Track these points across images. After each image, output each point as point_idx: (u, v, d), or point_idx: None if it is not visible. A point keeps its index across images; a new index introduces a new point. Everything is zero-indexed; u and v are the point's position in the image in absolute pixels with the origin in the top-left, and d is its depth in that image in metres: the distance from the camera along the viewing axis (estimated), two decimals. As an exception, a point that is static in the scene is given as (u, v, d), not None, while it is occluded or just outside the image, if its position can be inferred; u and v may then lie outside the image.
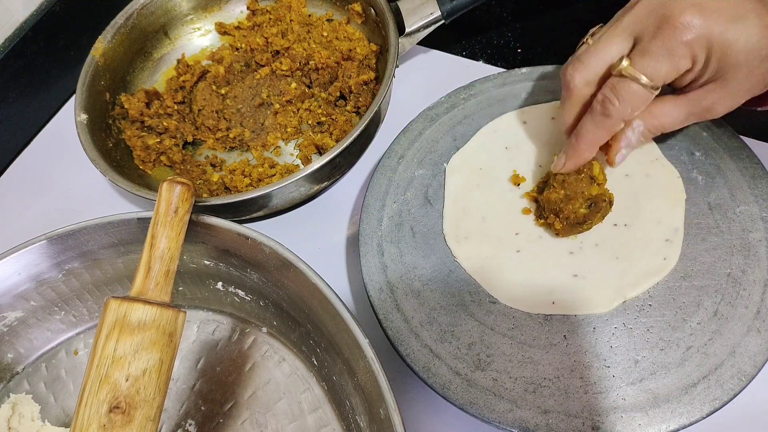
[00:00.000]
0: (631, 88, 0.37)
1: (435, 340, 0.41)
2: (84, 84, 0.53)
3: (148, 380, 0.32)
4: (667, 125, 0.40)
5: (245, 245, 0.40)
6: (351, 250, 0.50)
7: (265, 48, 0.59)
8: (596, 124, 0.39)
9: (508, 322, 0.41)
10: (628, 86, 0.37)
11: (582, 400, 0.37)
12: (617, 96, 0.38)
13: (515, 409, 0.38)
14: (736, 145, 0.45)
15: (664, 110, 0.39)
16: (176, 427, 0.42)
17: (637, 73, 0.37)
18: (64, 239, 0.41)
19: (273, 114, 0.56)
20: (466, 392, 0.39)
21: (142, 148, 0.54)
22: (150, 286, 0.35)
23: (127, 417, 0.32)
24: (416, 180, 0.48)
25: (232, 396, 0.43)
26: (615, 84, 0.38)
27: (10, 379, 0.44)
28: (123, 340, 0.32)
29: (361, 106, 0.54)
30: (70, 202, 0.57)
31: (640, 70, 0.36)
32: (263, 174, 0.52)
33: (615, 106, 0.38)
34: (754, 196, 0.42)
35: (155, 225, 0.37)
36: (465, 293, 0.43)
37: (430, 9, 0.53)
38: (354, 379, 0.37)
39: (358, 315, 0.46)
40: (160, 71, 0.61)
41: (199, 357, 0.45)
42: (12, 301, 0.42)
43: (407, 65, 0.60)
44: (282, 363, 0.43)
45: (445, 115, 0.51)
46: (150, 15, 0.59)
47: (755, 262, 0.40)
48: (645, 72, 0.36)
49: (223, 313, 0.46)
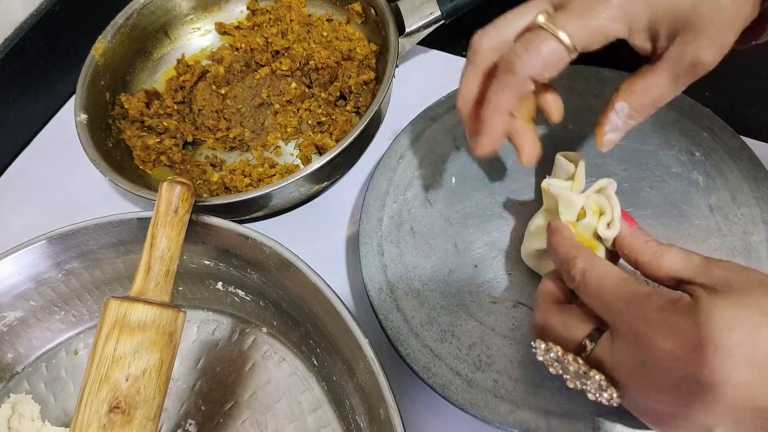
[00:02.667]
0: (544, 41, 0.32)
1: (435, 340, 0.41)
2: (84, 84, 0.53)
3: (148, 380, 0.32)
4: (657, 98, 0.35)
5: (245, 245, 0.40)
6: (351, 250, 0.50)
7: (265, 48, 0.59)
8: (500, 83, 0.34)
9: (508, 323, 0.41)
10: (541, 38, 0.32)
11: (583, 402, 0.37)
12: (526, 48, 0.32)
13: (516, 411, 0.37)
14: (736, 145, 0.45)
15: (646, 83, 0.34)
16: (176, 427, 0.42)
17: (555, 27, 0.32)
18: (64, 239, 0.41)
19: (273, 114, 0.56)
20: (466, 393, 0.39)
21: (142, 148, 0.54)
22: (150, 286, 0.35)
23: (127, 417, 0.32)
24: (416, 180, 0.48)
25: (232, 396, 0.43)
26: (526, 38, 0.33)
27: (10, 379, 0.44)
28: (123, 340, 0.32)
29: (361, 106, 0.54)
30: (70, 202, 0.57)
31: (559, 27, 0.32)
32: (263, 174, 0.52)
33: (521, 59, 0.32)
34: (755, 198, 0.42)
35: (155, 225, 0.37)
36: (465, 293, 0.43)
37: (430, 9, 0.53)
38: (354, 379, 0.37)
39: (358, 315, 0.46)
40: (160, 71, 0.61)
41: (199, 357, 0.45)
42: (12, 301, 0.42)
43: (407, 65, 0.60)
44: (282, 363, 0.43)
45: (445, 115, 0.51)
46: (150, 15, 0.59)
47: (756, 265, 0.40)
48: (564, 29, 0.31)
49: (223, 313, 0.46)
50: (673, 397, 0.28)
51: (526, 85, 0.33)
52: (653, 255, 0.33)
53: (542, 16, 0.32)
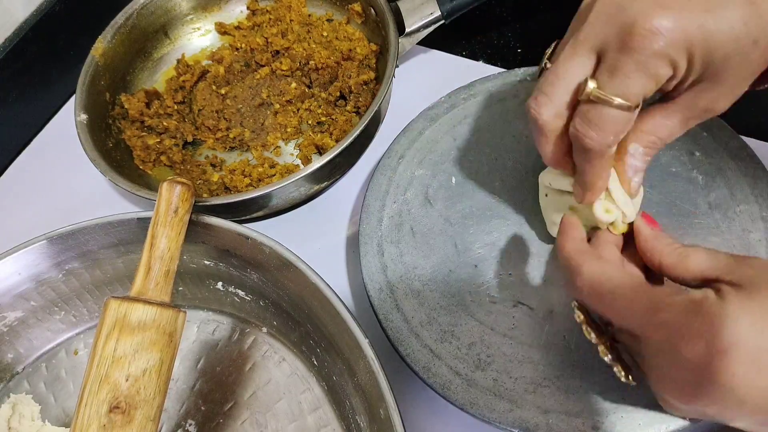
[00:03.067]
0: (606, 113, 0.31)
1: (435, 340, 0.41)
2: (84, 84, 0.53)
3: (148, 380, 0.32)
4: (666, 137, 0.35)
5: (245, 245, 0.40)
6: (351, 250, 0.50)
7: (265, 48, 0.59)
8: (585, 160, 0.34)
9: (508, 322, 0.41)
10: (601, 112, 0.31)
11: (582, 400, 0.37)
12: (591, 126, 0.32)
13: (515, 409, 0.38)
14: (736, 144, 0.45)
15: (656, 123, 0.35)
16: (176, 427, 0.42)
17: (608, 95, 0.31)
18: (64, 239, 0.41)
19: (273, 114, 0.56)
20: (466, 392, 0.39)
21: (142, 148, 0.54)
22: (150, 286, 0.35)
23: (127, 417, 0.32)
24: (416, 180, 0.48)
25: (232, 396, 0.43)
26: (585, 113, 0.32)
27: (10, 379, 0.44)
28: (123, 340, 0.32)
29: (361, 106, 0.54)
30: (70, 202, 0.57)
31: (611, 92, 0.31)
32: (263, 174, 0.52)
33: (593, 138, 0.32)
34: (754, 196, 0.42)
35: (155, 225, 0.37)
36: (465, 293, 0.43)
37: (430, 9, 0.53)
38: (354, 379, 0.37)
39: (358, 315, 0.46)
40: (160, 71, 0.61)
41: (199, 357, 0.45)
42: (12, 301, 0.42)
43: (407, 65, 0.60)
44: (282, 363, 0.43)
45: (445, 115, 0.51)
46: (150, 15, 0.59)
47: (755, 262, 0.40)
48: (617, 92, 0.31)
49: (223, 313, 0.46)
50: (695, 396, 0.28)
51: (608, 152, 0.33)
52: (678, 257, 0.33)
53: (592, 83, 0.31)
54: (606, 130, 0.32)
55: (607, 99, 0.31)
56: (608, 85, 0.31)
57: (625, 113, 0.31)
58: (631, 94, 0.31)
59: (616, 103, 0.31)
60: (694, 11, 0.29)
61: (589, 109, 0.32)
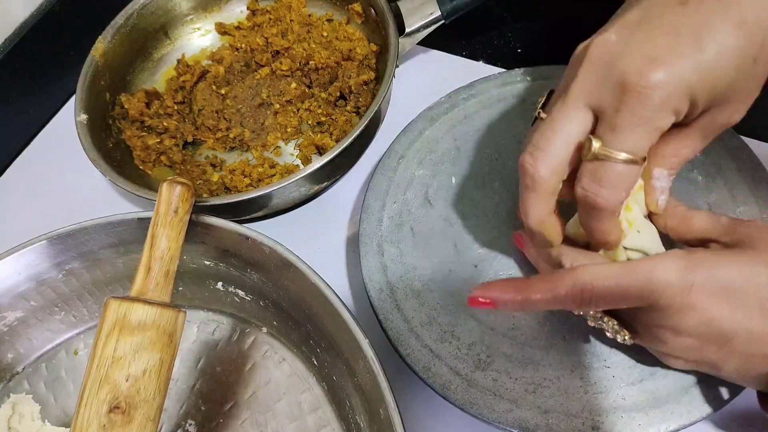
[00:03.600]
0: (615, 170, 0.30)
1: (435, 340, 0.41)
2: (84, 84, 0.53)
3: (148, 380, 0.32)
4: (688, 156, 0.35)
5: (245, 245, 0.40)
6: (351, 250, 0.50)
7: (265, 48, 0.59)
8: (595, 218, 0.33)
9: (508, 322, 0.41)
10: (609, 169, 0.31)
11: (582, 400, 0.37)
12: (602, 184, 0.31)
13: (515, 409, 0.38)
14: (736, 145, 0.45)
15: (677, 146, 0.35)
16: (176, 427, 0.42)
17: (614, 152, 0.30)
18: (64, 239, 0.41)
19: (273, 114, 0.56)
20: (466, 392, 0.39)
21: (142, 148, 0.54)
22: (150, 286, 0.35)
23: (127, 417, 0.32)
24: (416, 180, 0.48)
25: (232, 396, 0.43)
26: (594, 171, 0.31)
27: (10, 379, 0.44)
28: (123, 341, 0.32)
29: (361, 106, 0.54)
30: (70, 202, 0.57)
31: (616, 148, 0.30)
32: (263, 174, 0.52)
33: (605, 197, 0.31)
34: (754, 197, 0.42)
35: (155, 225, 0.37)
36: (465, 293, 0.43)
37: (430, 9, 0.53)
38: (354, 379, 0.37)
39: (358, 315, 0.46)
40: (160, 71, 0.61)
41: (199, 357, 0.45)
42: (12, 301, 0.42)
43: (407, 65, 0.60)
44: (282, 363, 0.43)
45: (445, 115, 0.51)
46: (150, 15, 0.59)
47: (755, 262, 0.40)
48: (623, 148, 0.30)
49: (223, 313, 0.46)
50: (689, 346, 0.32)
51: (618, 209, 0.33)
52: (682, 218, 0.35)
53: (596, 142, 0.30)
54: (618, 187, 0.31)
55: (614, 156, 0.30)
56: (613, 142, 0.30)
57: (632, 167, 0.31)
58: (638, 149, 0.30)
59: (623, 158, 0.30)
60: (685, 55, 0.29)
61: (597, 167, 0.31)
